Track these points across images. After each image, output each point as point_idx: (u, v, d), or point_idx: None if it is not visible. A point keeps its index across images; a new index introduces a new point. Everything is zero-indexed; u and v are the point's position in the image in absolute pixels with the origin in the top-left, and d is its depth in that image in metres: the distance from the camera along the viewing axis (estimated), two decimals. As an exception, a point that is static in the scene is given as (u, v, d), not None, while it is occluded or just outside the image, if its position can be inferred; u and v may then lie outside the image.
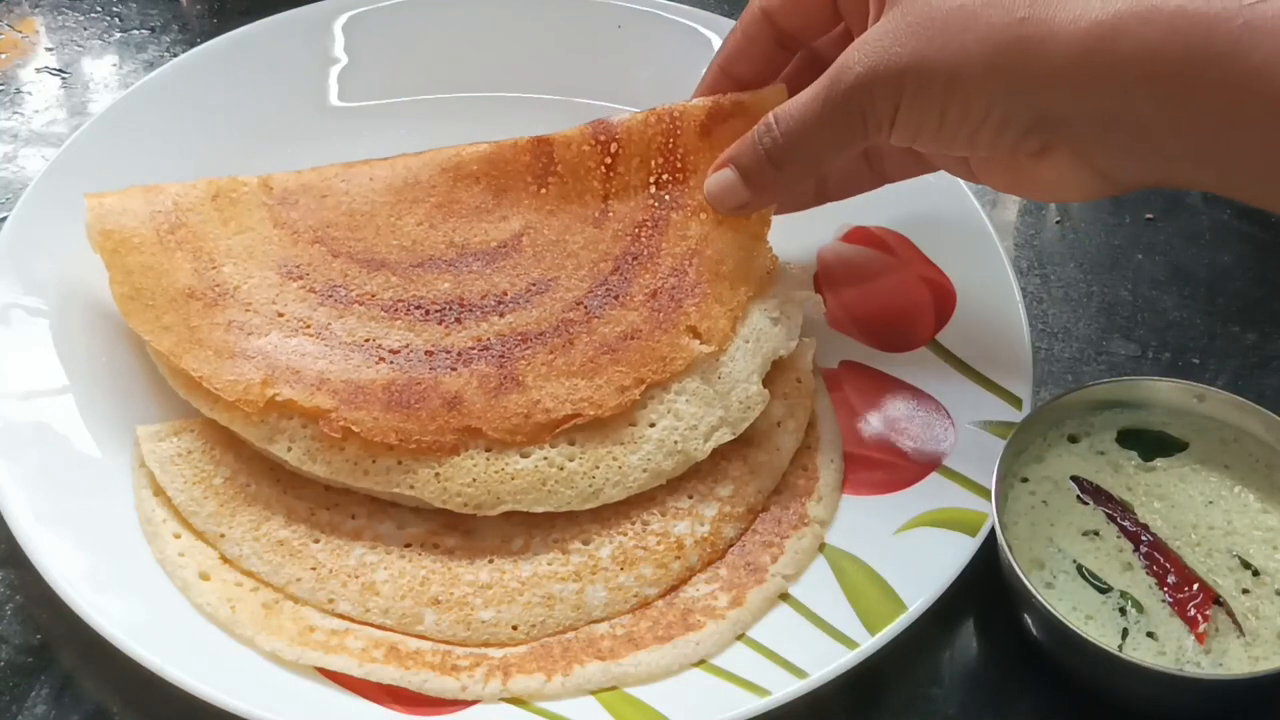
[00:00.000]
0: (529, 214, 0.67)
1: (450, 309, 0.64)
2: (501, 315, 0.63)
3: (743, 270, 0.64)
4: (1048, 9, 0.50)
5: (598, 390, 0.61)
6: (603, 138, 0.66)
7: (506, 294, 0.64)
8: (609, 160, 0.66)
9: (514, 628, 0.58)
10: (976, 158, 0.58)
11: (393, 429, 0.59)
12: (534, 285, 0.65)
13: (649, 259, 0.65)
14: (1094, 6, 0.49)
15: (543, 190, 0.67)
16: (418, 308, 0.64)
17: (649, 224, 0.65)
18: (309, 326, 0.63)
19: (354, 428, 0.59)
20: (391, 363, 0.62)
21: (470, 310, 0.64)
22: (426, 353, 0.62)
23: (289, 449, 0.60)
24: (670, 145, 0.66)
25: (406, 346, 0.62)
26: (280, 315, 0.63)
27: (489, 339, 0.63)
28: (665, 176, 0.66)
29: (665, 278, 0.64)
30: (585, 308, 0.64)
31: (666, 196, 0.66)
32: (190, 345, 0.61)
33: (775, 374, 0.64)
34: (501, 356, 0.62)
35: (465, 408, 0.60)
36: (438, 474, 0.60)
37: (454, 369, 0.62)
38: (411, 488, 0.59)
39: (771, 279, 0.65)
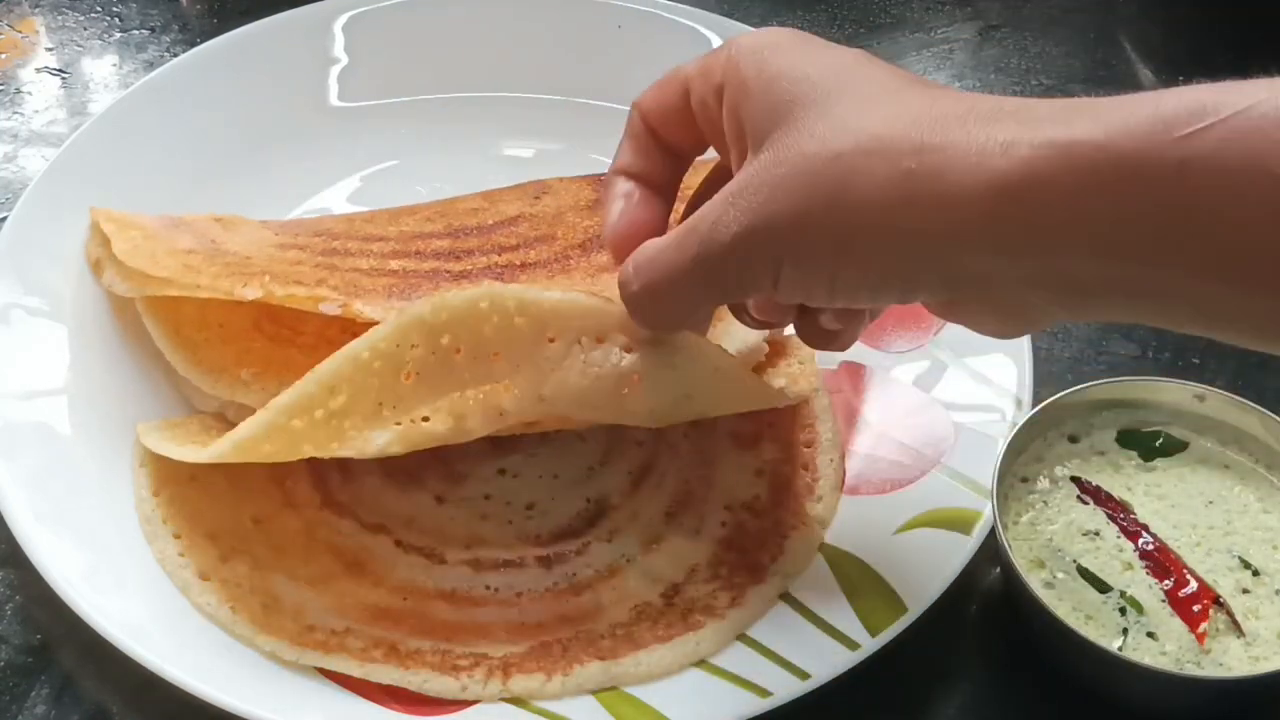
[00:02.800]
0: (525, 210, 0.69)
1: (450, 254, 0.65)
2: (500, 255, 0.65)
3: None
4: (937, 159, 0.42)
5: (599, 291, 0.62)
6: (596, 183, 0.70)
7: (504, 245, 0.66)
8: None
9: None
10: None
11: (394, 310, 0.59)
12: (533, 238, 0.66)
13: None
14: (992, 154, 0.41)
15: (538, 199, 0.69)
16: (416, 253, 0.65)
17: None
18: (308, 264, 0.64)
19: (354, 312, 0.58)
20: (392, 276, 0.63)
21: (470, 253, 0.65)
22: (428, 273, 0.63)
23: None
24: None
25: (407, 270, 0.64)
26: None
27: (489, 266, 0.64)
28: None
29: None
30: (584, 249, 0.65)
31: None
32: (186, 272, 0.62)
33: (777, 359, 0.64)
34: (500, 277, 0.63)
35: None
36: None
37: (456, 283, 0.62)
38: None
39: None
